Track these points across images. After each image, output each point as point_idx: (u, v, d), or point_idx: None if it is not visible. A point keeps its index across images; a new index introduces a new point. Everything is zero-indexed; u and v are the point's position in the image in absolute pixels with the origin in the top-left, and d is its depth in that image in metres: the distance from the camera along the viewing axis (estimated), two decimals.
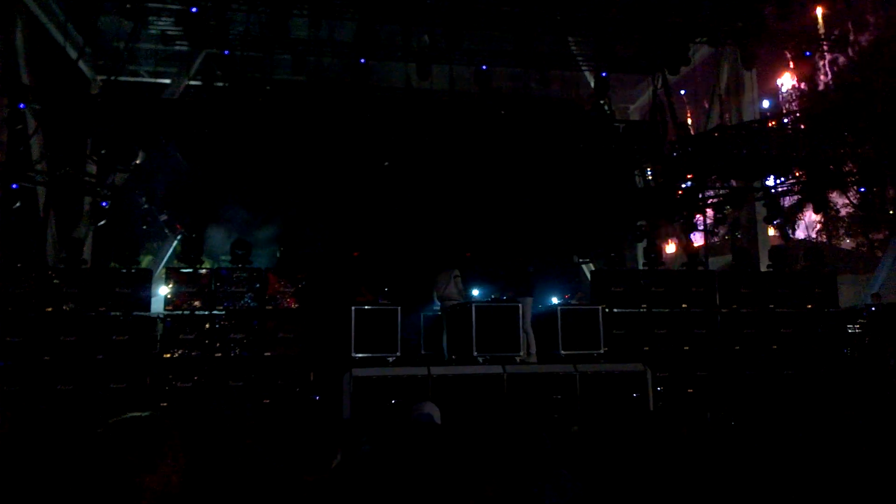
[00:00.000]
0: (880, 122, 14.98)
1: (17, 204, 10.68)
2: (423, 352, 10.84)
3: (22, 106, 11.10)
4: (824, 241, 25.92)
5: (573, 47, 14.64)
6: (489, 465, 2.17)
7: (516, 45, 12.22)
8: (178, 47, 13.57)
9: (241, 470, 2.91)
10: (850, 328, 12.19)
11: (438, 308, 10.43)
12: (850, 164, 17.70)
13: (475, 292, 11.12)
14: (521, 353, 9.52)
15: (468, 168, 12.74)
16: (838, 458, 4.14)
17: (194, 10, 10.67)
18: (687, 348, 10.70)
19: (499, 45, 13.48)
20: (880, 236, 25.00)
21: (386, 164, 11.81)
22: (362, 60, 11.86)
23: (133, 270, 9.93)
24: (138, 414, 2.07)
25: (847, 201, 25.06)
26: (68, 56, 13.04)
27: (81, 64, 13.71)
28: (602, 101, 13.81)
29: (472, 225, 13.01)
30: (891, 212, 20.50)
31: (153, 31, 12.93)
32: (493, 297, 10.71)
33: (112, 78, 12.48)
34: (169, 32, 12.87)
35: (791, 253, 13.43)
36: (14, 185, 10.64)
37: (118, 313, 9.54)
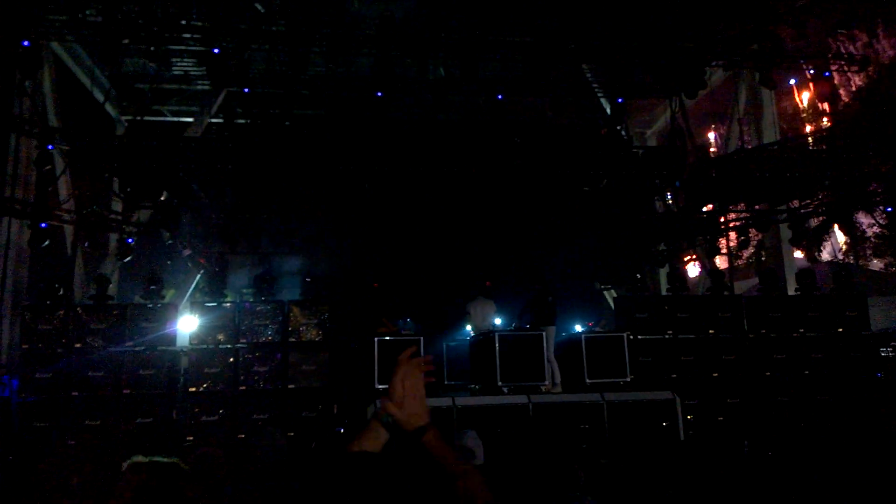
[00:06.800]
0: None
1: (46, 242, 10.87)
2: (446, 381, 10.75)
3: (50, 147, 11.37)
4: (851, 262, 25.39)
5: (588, 75, 14.69)
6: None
7: (531, 75, 12.29)
8: (199, 86, 13.89)
9: None
10: (882, 352, 11.84)
11: (469, 337, 10.36)
12: (875, 184, 17.41)
13: (497, 321, 11.05)
14: (546, 383, 9.39)
15: (487, 197, 12.76)
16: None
17: (216, 50, 10.92)
18: (716, 375, 10.47)
19: (514, 74, 13.58)
20: None
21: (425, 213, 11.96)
22: (379, 94, 12.01)
23: (158, 305, 10.04)
24: (162, 459, 2.05)
25: (873, 221, 24.63)
26: (95, 98, 13.40)
27: (107, 106, 14.08)
28: (619, 127, 13.79)
29: (491, 254, 12.98)
30: None
31: (176, 72, 13.25)
32: (514, 325, 10.63)
33: (137, 118, 12.77)
34: (191, 73, 13.18)
35: (819, 275, 13.14)
36: (43, 224, 10.85)
37: (143, 348, 9.63)
